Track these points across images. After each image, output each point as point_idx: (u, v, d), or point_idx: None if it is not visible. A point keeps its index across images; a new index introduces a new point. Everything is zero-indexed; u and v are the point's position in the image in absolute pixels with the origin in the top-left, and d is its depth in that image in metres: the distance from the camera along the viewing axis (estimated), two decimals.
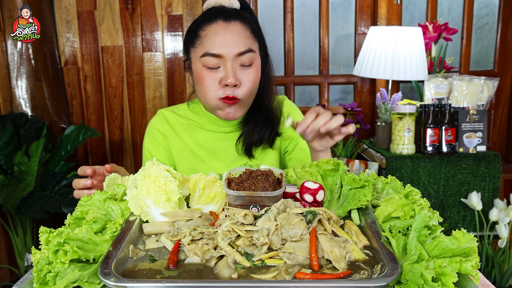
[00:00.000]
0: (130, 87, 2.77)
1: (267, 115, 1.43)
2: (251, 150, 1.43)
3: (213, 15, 1.30)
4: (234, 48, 1.26)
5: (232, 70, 1.26)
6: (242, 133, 1.44)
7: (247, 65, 1.30)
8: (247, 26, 1.31)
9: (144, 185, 0.89)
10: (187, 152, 1.45)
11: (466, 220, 2.18)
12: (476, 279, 0.67)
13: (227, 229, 0.77)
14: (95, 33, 2.70)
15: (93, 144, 2.83)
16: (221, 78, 1.28)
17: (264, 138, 1.43)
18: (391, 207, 0.83)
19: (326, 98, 2.96)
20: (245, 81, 1.29)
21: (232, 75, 1.26)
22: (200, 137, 1.46)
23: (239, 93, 1.29)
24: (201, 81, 1.30)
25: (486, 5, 2.91)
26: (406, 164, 2.10)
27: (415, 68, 2.33)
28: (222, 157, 1.46)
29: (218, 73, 1.28)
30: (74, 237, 0.73)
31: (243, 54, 1.27)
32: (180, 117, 1.48)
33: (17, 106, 2.53)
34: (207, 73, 1.29)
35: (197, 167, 1.44)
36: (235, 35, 1.27)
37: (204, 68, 1.29)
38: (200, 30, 1.30)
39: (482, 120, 2.13)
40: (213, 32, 1.27)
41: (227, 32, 1.27)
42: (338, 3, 2.91)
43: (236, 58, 1.27)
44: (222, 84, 1.28)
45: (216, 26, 1.28)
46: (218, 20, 1.29)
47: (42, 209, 2.10)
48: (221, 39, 1.26)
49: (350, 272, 0.69)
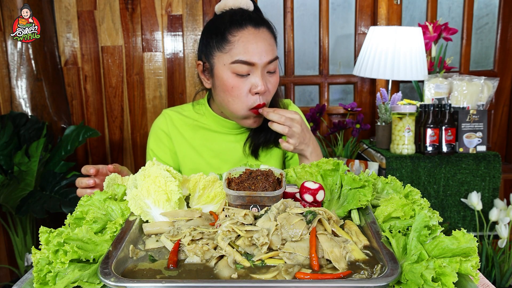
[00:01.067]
0: (130, 87, 2.77)
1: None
2: (258, 151, 1.45)
3: (242, 20, 1.27)
4: (265, 56, 1.26)
5: (262, 78, 1.27)
6: (249, 134, 1.45)
7: (272, 72, 1.32)
8: (272, 33, 1.33)
9: (144, 185, 0.89)
10: (191, 153, 1.46)
11: (466, 220, 2.18)
12: (476, 279, 0.67)
13: (227, 229, 0.77)
14: (95, 33, 2.70)
15: (93, 144, 2.83)
16: (251, 85, 1.28)
17: (271, 139, 1.45)
18: (391, 207, 0.83)
19: (326, 98, 2.96)
20: (270, 88, 1.32)
21: (263, 83, 1.27)
22: (205, 137, 1.46)
23: (266, 100, 1.32)
24: (231, 90, 1.29)
25: (486, 5, 2.92)
26: (406, 164, 2.10)
27: (415, 68, 2.33)
28: (227, 158, 1.46)
29: (248, 80, 1.28)
30: (74, 237, 0.73)
31: (272, 61, 1.29)
32: (185, 117, 1.48)
33: (17, 106, 2.53)
34: (237, 81, 1.27)
35: (201, 168, 1.44)
36: (265, 43, 1.27)
37: (233, 76, 1.27)
38: (229, 34, 1.27)
39: (482, 120, 2.13)
40: (245, 38, 1.26)
41: (259, 40, 1.26)
42: (338, 3, 2.91)
43: (265, 66, 1.28)
44: (252, 92, 1.28)
45: (248, 33, 1.26)
46: (248, 26, 1.27)
47: (42, 209, 2.10)
48: (254, 47, 1.25)
49: (350, 272, 0.69)
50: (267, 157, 1.49)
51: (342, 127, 2.47)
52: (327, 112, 2.93)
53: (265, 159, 1.49)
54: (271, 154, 1.50)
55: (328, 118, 2.95)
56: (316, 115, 2.52)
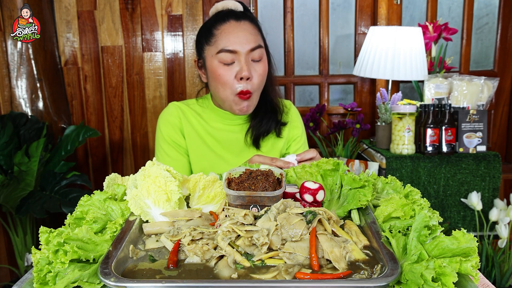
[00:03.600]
0: (130, 87, 2.77)
1: (272, 107, 1.56)
2: (259, 141, 1.55)
3: (225, 16, 1.43)
4: (247, 44, 1.39)
5: (246, 64, 1.39)
6: (250, 125, 1.56)
7: (257, 60, 1.42)
8: (255, 25, 1.45)
9: (144, 185, 0.89)
10: (199, 142, 1.55)
11: (466, 220, 2.18)
12: (476, 279, 0.67)
13: (227, 229, 0.77)
14: (95, 33, 2.70)
15: (93, 144, 2.83)
16: (236, 72, 1.39)
17: (271, 129, 1.56)
18: (391, 207, 0.83)
19: (326, 98, 2.96)
20: (255, 75, 1.42)
21: (246, 69, 1.39)
22: (209, 128, 1.56)
23: (252, 86, 1.41)
24: (218, 77, 1.42)
25: (486, 5, 2.91)
26: (406, 164, 2.10)
27: (415, 68, 2.33)
28: (231, 147, 1.56)
29: (233, 68, 1.40)
30: (74, 237, 0.73)
31: (254, 49, 1.41)
32: (192, 109, 1.58)
33: (17, 106, 2.53)
34: (223, 69, 1.41)
35: (208, 156, 1.54)
36: (246, 33, 1.41)
37: (220, 65, 1.41)
38: (214, 29, 1.43)
39: (482, 120, 2.13)
40: (227, 30, 1.40)
41: (239, 30, 1.40)
42: (338, 3, 2.91)
43: (248, 53, 1.40)
44: (237, 77, 1.40)
45: (229, 25, 1.41)
46: (230, 19, 1.42)
47: (42, 209, 2.10)
48: (235, 36, 1.39)
49: (350, 272, 0.69)
50: (268, 147, 1.58)
51: (342, 127, 2.47)
52: (327, 112, 2.93)
53: (266, 149, 1.57)
54: (272, 145, 1.59)
55: (328, 118, 2.95)
56: (316, 115, 2.52)
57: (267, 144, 1.58)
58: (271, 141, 1.59)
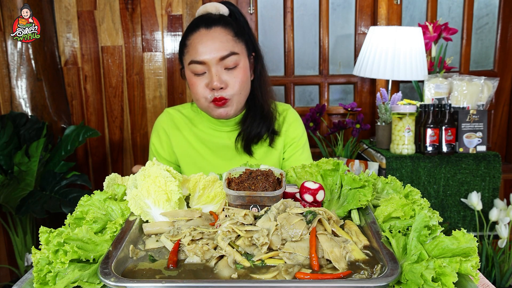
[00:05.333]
0: (130, 87, 2.77)
1: (262, 112, 1.50)
2: (250, 147, 1.50)
3: (195, 24, 1.39)
4: (216, 53, 1.34)
5: (216, 74, 1.34)
6: (240, 131, 1.50)
7: (231, 68, 1.37)
8: (229, 30, 1.38)
9: (144, 185, 0.89)
10: (189, 148, 1.53)
11: (466, 220, 2.18)
12: (476, 279, 0.67)
13: (227, 229, 0.77)
14: (95, 33, 2.70)
15: (93, 144, 2.83)
16: (207, 82, 1.36)
17: (261, 135, 1.50)
18: (391, 207, 0.83)
19: (326, 98, 2.96)
20: (231, 83, 1.37)
21: (217, 79, 1.34)
22: (201, 134, 1.54)
23: (227, 94, 1.37)
24: (192, 87, 1.40)
25: (486, 5, 2.91)
26: (406, 164, 2.10)
27: (415, 68, 2.32)
28: (222, 154, 1.52)
29: (204, 78, 1.37)
30: (74, 237, 0.73)
31: (225, 58, 1.35)
32: (184, 115, 1.56)
33: (17, 106, 2.53)
34: (196, 79, 1.38)
35: (198, 163, 1.52)
36: (216, 41, 1.35)
37: (192, 75, 1.39)
38: (186, 39, 1.40)
39: (482, 120, 2.13)
40: (196, 40, 1.36)
41: (208, 39, 1.35)
42: (338, 3, 2.91)
43: (219, 62, 1.35)
44: (209, 88, 1.36)
45: (199, 34, 1.36)
46: (200, 28, 1.37)
47: (42, 209, 2.10)
48: (203, 46, 1.34)
49: (350, 272, 0.69)
50: (261, 155, 1.53)
51: (342, 127, 2.47)
52: (327, 112, 2.93)
53: (259, 156, 1.53)
54: (266, 153, 1.53)
55: (328, 118, 2.95)
56: (316, 115, 2.52)
57: (260, 152, 1.52)
58: (263, 149, 1.53)
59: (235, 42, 1.38)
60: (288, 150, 1.57)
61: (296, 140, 1.57)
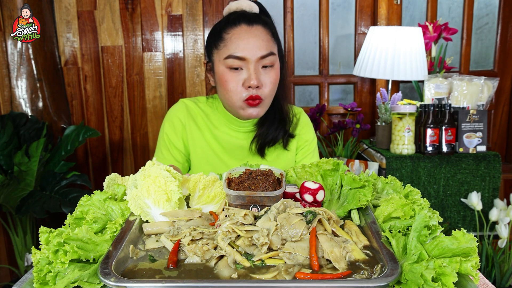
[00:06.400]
0: (130, 87, 2.77)
1: (281, 116, 1.49)
2: (264, 150, 1.49)
3: (236, 19, 1.36)
4: (257, 51, 1.32)
5: (255, 72, 1.33)
6: (257, 133, 1.49)
7: (267, 68, 1.36)
8: (268, 30, 1.38)
9: (144, 185, 0.89)
10: (203, 143, 1.50)
11: (466, 220, 2.18)
12: (476, 279, 0.67)
13: (227, 229, 0.77)
14: (95, 33, 2.70)
15: (93, 144, 2.83)
16: (244, 79, 1.34)
17: (278, 139, 1.49)
18: (391, 207, 0.83)
19: (326, 98, 2.96)
20: (267, 82, 1.36)
21: (255, 77, 1.32)
22: (215, 131, 1.51)
23: (262, 93, 1.35)
24: (225, 83, 1.36)
25: (486, 5, 2.91)
26: (406, 164, 2.10)
27: (415, 68, 2.32)
28: (235, 154, 1.51)
29: (241, 74, 1.34)
30: (74, 237, 0.73)
31: (265, 57, 1.34)
32: (200, 109, 1.53)
33: (17, 106, 2.53)
34: (230, 75, 1.34)
35: (210, 159, 1.50)
36: (258, 39, 1.33)
37: (227, 70, 1.35)
38: (224, 33, 1.36)
39: (482, 120, 2.13)
40: (237, 35, 1.33)
41: (250, 36, 1.33)
42: (338, 3, 2.91)
43: (258, 61, 1.33)
44: (245, 85, 1.34)
45: (240, 30, 1.34)
46: (241, 23, 1.35)
47: (42, 209, 2.10)
48: (244, 42, 1.32)
49: (350, 272, 0.69)
50: (273, 157, 1.52)
51: (342, 127, 2.47)
52: (327, 112, 2.93)
53: (271, 158, 1.52)
54: (279, 155, 1.53)
55: (328, 118, 2.95)
56: (316, 115, 2.52)
57: (273, 154, 1.52)
58: (277, 152, 1.52)
59: (273, 42, 1.39)
60: (300, 153, 1.57)
61: (308, 144, 1.58)
